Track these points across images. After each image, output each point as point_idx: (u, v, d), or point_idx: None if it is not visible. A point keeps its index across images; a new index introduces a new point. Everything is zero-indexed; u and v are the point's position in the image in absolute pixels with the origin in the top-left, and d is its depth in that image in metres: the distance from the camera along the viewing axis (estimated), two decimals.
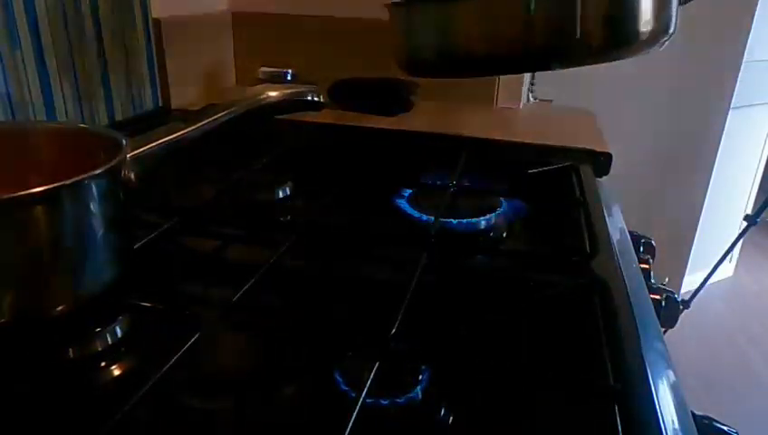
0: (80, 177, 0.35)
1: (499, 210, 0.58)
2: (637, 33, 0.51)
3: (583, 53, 0.52)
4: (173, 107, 0.93)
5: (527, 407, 0.37)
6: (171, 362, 0.35)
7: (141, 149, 0.43)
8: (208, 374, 0.39)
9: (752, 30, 1.68)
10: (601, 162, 0.77)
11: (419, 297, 0.42)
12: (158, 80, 0.89)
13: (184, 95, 0.96)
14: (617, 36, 0.52)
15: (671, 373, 0.38)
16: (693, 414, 0.38)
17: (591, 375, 0.37)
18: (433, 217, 0.55)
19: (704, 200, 1.90)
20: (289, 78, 1.01)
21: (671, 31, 0.54)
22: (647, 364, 0.37)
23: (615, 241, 0.56)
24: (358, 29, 1.06)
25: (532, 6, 0.49)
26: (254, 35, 1.11)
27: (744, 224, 1.79)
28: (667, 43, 0.53)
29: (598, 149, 0.79)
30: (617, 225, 0.64)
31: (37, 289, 0.36)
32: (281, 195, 0.65)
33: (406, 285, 0.43)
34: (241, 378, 0.39)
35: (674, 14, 0.53)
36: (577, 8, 0.49)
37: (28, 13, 0.65)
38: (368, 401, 0.33)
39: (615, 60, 0.55)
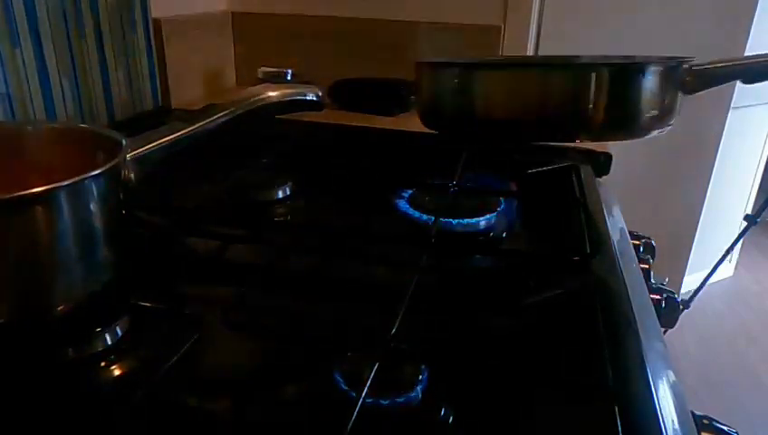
0: (80, 177, 0.35)
1: (499, 210, 0.58)
2: (638, 121, 0.56)
3: (588, 132, 0.58)
4: (173, 107, 0.93)
5: (527, 407, 0.37)
6: (171, 362, 0.35)
7: (141, 150, 0.43)
8: (208, 374, 0.39)
9: (752, 30, 1.68)
10: (601, 162, 0.77)
11: (419, 297, 0.42)
12: (158, 80, 0.89)
13: (184, 95, 0.96)
14: (621, 122, 0.57)
15: (671, 373, 0.38)
16: (693, 414, 0.38)
17: (591, 375, 0.37)
18: (433, 217, 0.55)
19: (704, 200, 1.89)
20: (289, 78, 1.01)
21: (672, 122, 0.59)
22: (647, 364, 0.37)
23: (615, 241, 0.56)
24: (358, 29, 1.06)
25: (549, 88, 0.55)
26: (254, 35, 1.11)
27: (744, 224, 1.79)
28: (668, 129, 0.59)
29: (598, 150, 0.79)
30: (617, 225, 0.64)
31: (37, 289, 0.36)
32: (281, 195, 0.65)
33: (406, 285, 0.43)
34: (241, 378, 0.39)
35: (677, 107, 0.58)
36: (590, 94, 0.54)
37: (28, 13, 0.65)
38: (368, 400, 0.33)
39: (618, 140, 0.63)
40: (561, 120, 0.57)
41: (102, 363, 0.38)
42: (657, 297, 0.57)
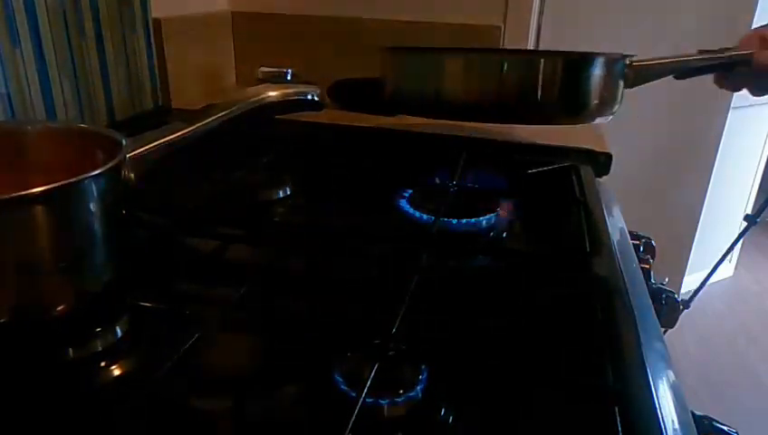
0: (80, 177, 0.35)
1: (499, 210, 0.58)
2: (586, 107, 0.63)
3: (538, 116, 0.64)
4: (173, 107, 0.93)
5: (527, 407, 0.37)
6: (171, 362, 0.35)
7: (141, 150, 0.43)
8: (208, 374, 0.39)
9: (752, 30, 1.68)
10: (601, 162, 0.77)
11: (419, 297, 0.42)
12: (158, 80, 0.89)
13: (184, 95, 0.96)
14: (569, 107, 0.64)
15: (671, 373, 0.38)
16: (693, 414, 0.38)
17: (591, 376, 0.37)
18: (433, 217, 0.55)
19: (704, 200, 1.89)
20: (289, 78, 1.01)
21: (616, 106, 0.66)
22: (647, 364, 0.37)
23: (615, 241, 0.56)
24: (358, 29, 1.06)
25: (504, 73, 0.62)
26: (254, 35, 1.11)
27: (744, 224, 1.79)
28: (611, 117, 0.66)
29: (598, 150, 0.79)
30: (617, 225, 0.64)
31: (37, 289, 0.36)
32: (281, 195, 0.65)
33: (406, 285, 0.43)
34: (241, 378, 0.39)
35: (618, 97, 0.65)
36: (539, 80, 0.61)
37: (28, 12, 0.65)
38: (368, 400, 0.33)
39: (567, 124, 0.69)
40: (517, 105, 0.63)
41: (102, 363, 0.38)
42: (657, 297, 0.57)
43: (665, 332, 0.50)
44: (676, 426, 0.34)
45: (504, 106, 0.63)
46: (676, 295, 0.59)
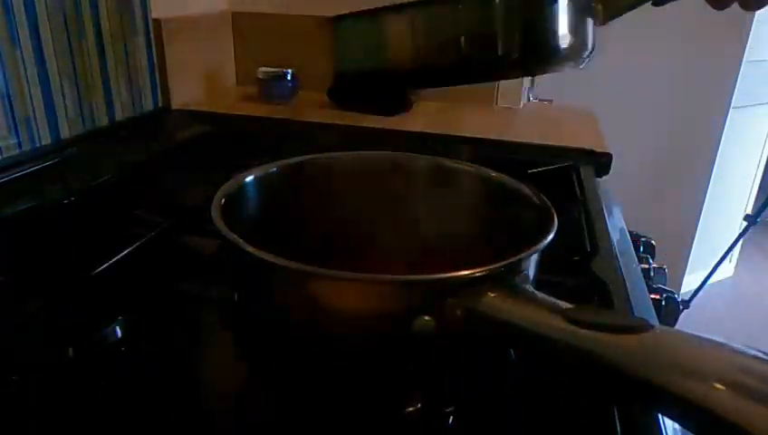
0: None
1: None
2: (555, 50, 0.53)
3: (505, 67, 0.54)
4: (173, 107, 0.93)
5: (527, 407, 0.37)
6: (171, 363, 0.35)
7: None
8: (208, 374, 0.39)
9: (752, 30, 1.68)
10: (601, 162, 0.77)
11: None
12: (158, 80, 0.89)
13: (184, 95, 0.96)
14: (536, 53, 0.54)
15: None
16: None
17: None
18: None
19: (704, 200, 1.89)
20: (289, 78, 1.01)
21: (588, 49, 0.56)
22: None
23: (615, 241, 0.56)
24: None
25: (455, 22, 0.52)
26: (254, 35, 1.11)
27: (744, 224, 1.79)
28: (587, 61, 0.55)
29: (598, 150, 0.79)
30: (617, 225, 0.64)
31: None
32: None
33: None
34: (241, 377, 0.39)
35: (590, 33, 0.56)
36: (498, 26, 0.52)
37: (28, 13, 0.65)
38: None
39: (538, 74, 0.63)
40: (476, 58, 0.53)
41: (103, 363, 0.38)
42: (657, 297, 0.57)
43: None
44: (676, 426, 0.34)
45: (462, 63, 0.54)
46: (676, 295, 0.59)
